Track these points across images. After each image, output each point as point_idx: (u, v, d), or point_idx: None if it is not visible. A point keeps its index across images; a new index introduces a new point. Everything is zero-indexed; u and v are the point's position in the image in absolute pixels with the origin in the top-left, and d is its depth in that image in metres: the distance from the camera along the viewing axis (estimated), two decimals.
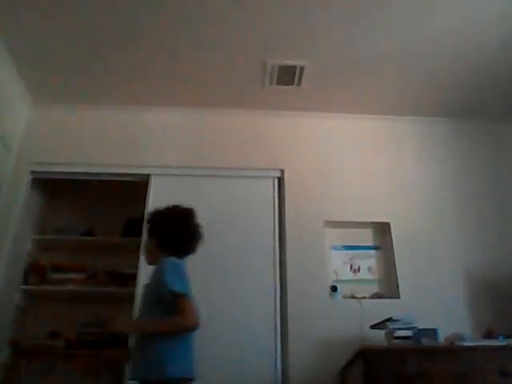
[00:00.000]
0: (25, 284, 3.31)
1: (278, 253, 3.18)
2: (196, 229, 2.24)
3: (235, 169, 3.43)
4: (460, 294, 3.09)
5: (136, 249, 3.12)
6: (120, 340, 3.12)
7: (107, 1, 2.70)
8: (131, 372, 2.04)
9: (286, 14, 2.78)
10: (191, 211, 2.27)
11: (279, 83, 3.34)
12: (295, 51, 3.08)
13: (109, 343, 3.25)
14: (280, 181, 3.44)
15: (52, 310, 3.44)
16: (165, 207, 2.28)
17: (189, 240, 2.22)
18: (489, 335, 2.70)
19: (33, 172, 3.35)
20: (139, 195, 3.35)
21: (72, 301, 3.48)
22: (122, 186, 3.55)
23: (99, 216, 3.80)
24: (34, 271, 3.41)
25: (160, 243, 2.20)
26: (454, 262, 3.20)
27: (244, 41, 2.99)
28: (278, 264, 3.15)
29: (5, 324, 3.13)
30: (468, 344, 2.43)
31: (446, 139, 3.68)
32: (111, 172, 3.40)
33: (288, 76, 3.28)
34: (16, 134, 3.34)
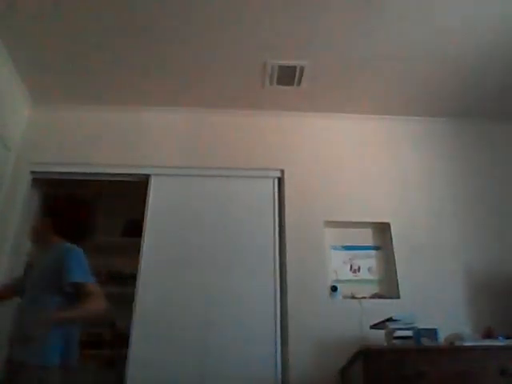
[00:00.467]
0: None
1: (278, 253, 3.18)
2: (92, 219, 2.27)
3: (235, 169, 3.43)
4: (460, 294, 3.09)
5: (136, 249, 3.13)
6: (120, 340, 3.14)
7: (107, 1, 2.70)
8: (15, 352, 1.93)
9: (286, 14, 2.79)
10: (89, 201, 2.30)
11: (279, 83, 3.35)
12: (295, 51, 3.08)
13: (109, 343, 3.26)
14: (280, 181, 3.45)
15: None
16: (66, 193, 2.30)
17: (85, 228, 2.24)
18: (489, 335, 2.70)
19: (33, 172, 3.35)
20: (139, 195, 3.35)
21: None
22: (122, 186, 3.55)
23: (99, 216, 3.79)
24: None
25: (55, 226, 2.16)
26: (454, 262, 3.20)
27: (244, 41, 2.99)
28: (278, 264, 3.15)
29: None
30: (468, 344, 2.43)
31: (446, 139, 3.68)
32: (111, 172, 3.40)
33: (288, 76, 3.28)
34: (16, 134, 3.34)
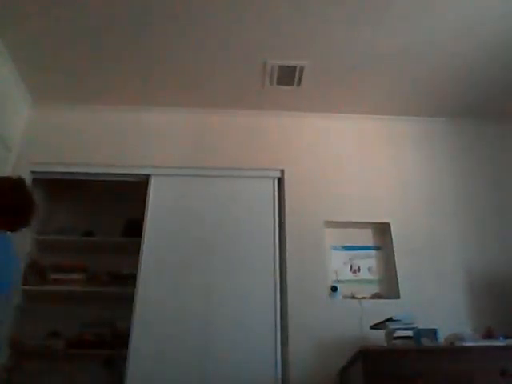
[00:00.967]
0: (25, 284, 3.30)
1: (278, 253, 3.18)
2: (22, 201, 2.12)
3: (235, 169, 3.43)
4: (460, 294, 3.09)
5: (136, 249, 3.13)
6: (120, 340, 3.14)
7: (107, 1, 2.70)
8: None
9: (286, 14, 2.79)
10: (19, 182, 2.15)
11: (279, 83, 3.35)
12: (295, 51, 3.08)
13: (109, 343, 3.26)
14: (280, 181, 3.45)
15: (52, 310, 3.44)
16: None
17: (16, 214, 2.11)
18: (489, 335, 2.70)
19: (33, 172, 3.34)
20: (139, 195, 3.35)
21: (72, 301, 3.48)
22: (122, 186, 3.55)
23: (99, 216, 3.80)
24: (34, 271, 3.41)
25: None
26: (454, 262, 3.20)
27: (244, 41, 2.99)
28: (278, 264, 3.15)
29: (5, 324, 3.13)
30: (468, 344, 2.43)
31: (446, 139, 3.68)
32: (111, 172, 3.40)
33: (288, 76, 3.28)
34: (16, 134, 3.34)
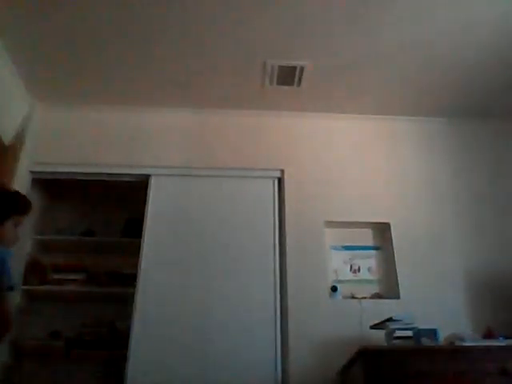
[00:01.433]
0: (25, 284, 3.30)
1: (278, 253, 3.18)
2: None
3: (235, 169, 3.43)
4: (460, 294, 3.09)
5: (136, 249, 3.13)
6: (120, 340, 3.14)
7: (107, 1, 2.70)
8: None
9: (286, 14, 2.79)
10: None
11: (279, 83, 3.35)
12: (295, 51, 3.08)
13: (109, 343, 3.26)
14: (280, 181, 3.44)
15: (52, 310, 3.44)
16: None
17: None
18: (489, 335, 2.70)
19: (33, 172, 3.35)
20: (139, 195, 3.35)
21: (72, 301, 3.48)
22: (122, 186, 3.55)
23: (99, 216, 3.80)
24: (34, 271, 3.40)
25: None
26: (454, 262, 3.20)
27: (244, 41, 2.99)
28: (278, 264, 3.15)
29: None
30: (468, 344, 2.43)
31: (446, 139, 3.68)
32: (111, 172, 3.40)
33: (288, 76, 3.28)
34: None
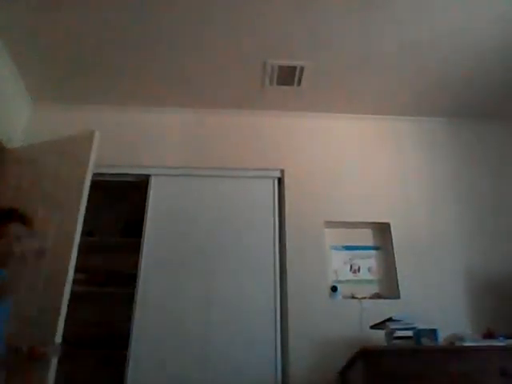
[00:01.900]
0: None
1: (278, 253, 3.18)
2: None
3: (235, 169, 3.43)
4: (460, 295, 3.09)
5: (136, 249, 3.13)
6: (120, 340, 3.14)
7: (107, 1, 2.70)
8: None
9: (286, 15, 2.79)
10: None
11: (279, 83, 3.35)
12: (295, 51, 3.08)
13: (109, 343, 3.26)
14: (280, 181, 3.45)
15: None
16: None
17: None
18: (489, 335, 2.70)
19: None
20: (139, 195, 3.35)
21: (72, 301, 3.47)
22: (122, 186, 3.55)
23: (99, 216, 3.79)
24: None
25: None
26: (454, 262, 3.20)
27: (244, 41, 2.99)
28: (278, 264, 3.15)
29: None
30: (468, 344, 2.43)
31: (446, 139, 3.68)
32: (111, 172, 3.40)
33: (288, 76, 3.28)
34: (16, 134, 3.34)
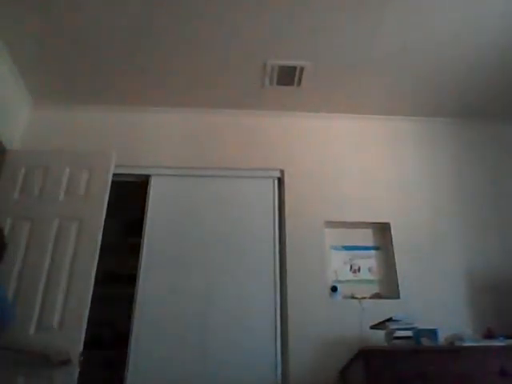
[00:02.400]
0: None
1: (278, 253, 3.18)
2: None
3: (235, 169, 3.43)
4: (460, 294, 3.09)
5: (136, 249, 3.13)
6: (120, 340, 3.14)
7: (107, 1, 2.70)
8: None
9: (286, 14, 2.79)
10: None
11: (279, 83, 3.34)
12: (295, 51, 3.08)
13: (109, 343, 3.26)
14: (280, 181, 3.44)
15: None
16: None
17: None
18: (489, 335, 2.70)
19: None
20: (139, 195, 3.35)
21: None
22: (122, 186, 3.55)
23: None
24: None
25: None
26: (454, 262, 3.19)
27: (244, 41, 2.99)
28: (278, 264, 3.15)
29: None
30: (468, 344, 2.43)
31: (446, 139, 3.68)
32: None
33: (288, 76, 3.28)
34: (16, 134, 3.34)
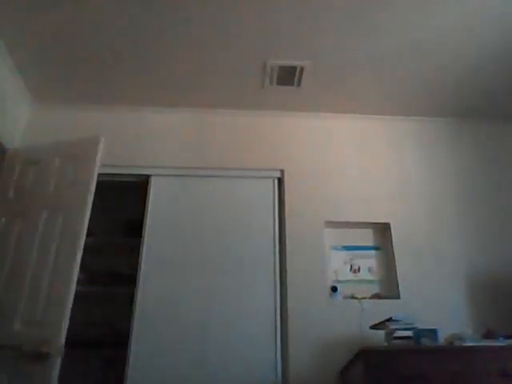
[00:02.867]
0: None
1: (278, 253, 3.18)
2: None
3: (235, 169, 3.43)
4: (460, 294, 3.09)
5: (136, 249, 3.13)
6: (120, 340, 3.14)
7: (107, 1, 2.70)
8: None
9: (287, 14, 2.79)
10: None
11: (279, 83, 3.35)
12: (295, 51, 3.08)
13: (109, 343, 3.26)
14: (280, 181, 3.44)
15: None
16: None
17: None
18: (489, 335, 2.70)
19: None
20: (139, 195, 3.35)
21: (72, 301, 3.48)
22: (122, 186, 3.55)
23: (99, 216, 3.79)
24: None
25: None
26: (454, 262, 3.20)
27: (244, 41, 2.99)
28: (278, 264, 3.14)
29: None
30: (468, 344, 2.43)
31: (446, 139, 3.69)
32: (111, 172, 3.39)
33: (288, 76, 3.28)
34: (16, 134, 3.34)
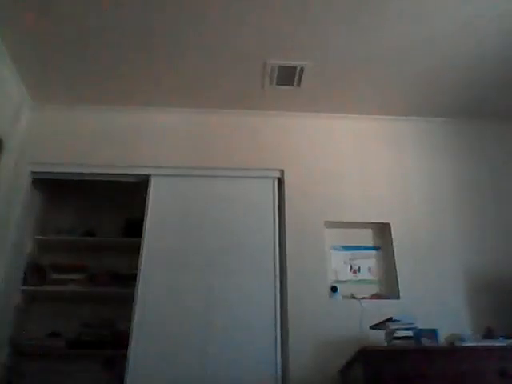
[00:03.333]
0: (25, 284, 3.31)
1: (278, 253, 3.18)
2: None
3: (235, 169, 3.43)
4: (460, 295, 3.09)
5: (136, 249, 3.13)
6: (120, 340, 3.14)
7: (107, 1, 2.70)
8: None
9: (286, 14, 2.79)
10: None
11: (279, 83, 3.34)
12: (295, 51, 3.08)
13: (109, 343, 3.26)
14: (280, 181, 3.44)
15: (52, 310, 3.44)
16: None
17: None
18: (489, 335, 2.70)
19: (33, 172, 3.34)
20: (139, 195, 3.35)
21: (72, 301, 3.48)
22: (122, 186, 3.55)
23: (99, 216, 3.80)
24: (34, 271, 3.40)
25: None
26: (454, 262, 3.20)
27: (244, 41, 2.99)
28: (278, 264, 3.14)
29: (5, 324, 3.13)
30: (468, 344, 2.43)
31: (446, 139, 3.68)
32: (111, 172, 3.39)
33: (288, 76, 3.28)
34: (16, 134, 3.34)
